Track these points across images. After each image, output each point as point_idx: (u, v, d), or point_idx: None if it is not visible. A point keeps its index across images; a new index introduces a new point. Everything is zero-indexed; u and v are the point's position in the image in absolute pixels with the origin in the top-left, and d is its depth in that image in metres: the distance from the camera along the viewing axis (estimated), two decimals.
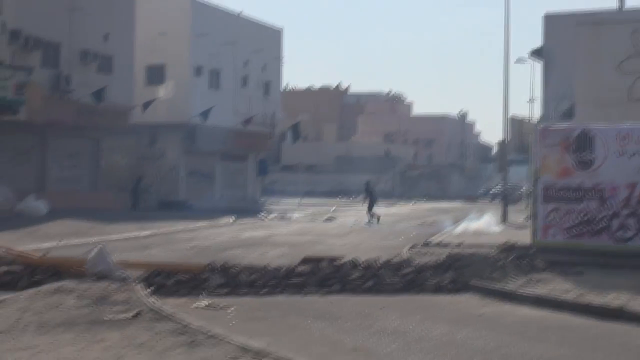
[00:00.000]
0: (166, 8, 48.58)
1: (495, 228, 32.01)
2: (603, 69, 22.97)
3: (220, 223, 34.32)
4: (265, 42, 55.84)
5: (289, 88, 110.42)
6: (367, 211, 38.70)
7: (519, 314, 12.96)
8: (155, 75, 48.85)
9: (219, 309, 12.66)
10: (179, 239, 25.50)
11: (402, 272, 15.39)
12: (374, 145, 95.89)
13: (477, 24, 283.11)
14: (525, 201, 68.72)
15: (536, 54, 39.05)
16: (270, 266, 15.52)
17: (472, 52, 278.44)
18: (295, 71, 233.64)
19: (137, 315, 11.12)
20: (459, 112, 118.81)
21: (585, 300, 13.64)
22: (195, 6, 49.21)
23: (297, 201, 58.32)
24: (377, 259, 16.71)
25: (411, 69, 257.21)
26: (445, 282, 15.14)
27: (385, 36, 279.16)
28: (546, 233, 19.12)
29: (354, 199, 69.22)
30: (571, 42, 29.69)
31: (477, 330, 11.55)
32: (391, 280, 15.00)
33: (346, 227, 33.98)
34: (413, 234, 30.10)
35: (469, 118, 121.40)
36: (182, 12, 48.36)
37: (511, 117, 42.32)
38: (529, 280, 16.01)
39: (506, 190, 44.63)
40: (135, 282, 13.86)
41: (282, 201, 60.79)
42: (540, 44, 37.39)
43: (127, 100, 43.67)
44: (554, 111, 33.27)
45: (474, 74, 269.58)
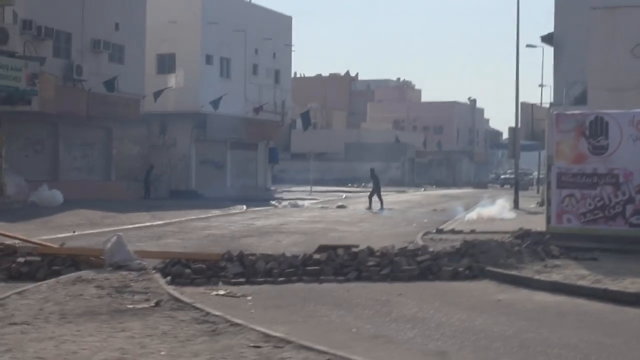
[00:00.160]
0: None
1: (507, 214, 31.99)
2: (617, 54, 22.89)
3: (232, 212, 34.42)
4: (275, 30, 55.76)
5: (298, 76, 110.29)
6: (370, 197, 39.05)
7: (536, 300, 13.00)
8: (165, 64, 48.89)
9: (238, 298, 12.74)
10: (193, 228, 25.60)
11: (418, 259, 15.41)
12: (384, 132, 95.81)
13: (486, 10, 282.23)
14: (536, 187, 68.80)
15: (547, 39, 38.89)
16: (286, 254, 15.55)
17: (481, 38, 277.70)
18: (304, 59, 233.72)
19: (158, 304, 11.20)
20: (469, 98, 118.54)
21: (601, 286, 13.67)
22: None
23: (308, 189, 58.36)
24: (393, 247, 16.74)
25: (420, 56, 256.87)
26: (461, 269, 15.17)
27: (393, 23, 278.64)
28: (561, 219, 19.10)
29: (364, 187, 69.26)
30: (583, 27, 29.57)
31: (496, 316, 11.61)
32: (407, 267, 15.04)
33: (358, 215, 34.06)
34: (425, 221, 30.17)
35: (478, 104, 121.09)
36: (192, 1, 48.31)
37: (522, 103, 42.20)
38: (545, 266, 16.04)
39: (517, 176, 44.60)
40: (153, 272, 13.94)
41: (293, 189, 60.89)
42: (550, 29, 37.25)
43: (138, 89, 43.77)
44: (566, 97, 33.15)
45: (483, 60, 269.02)
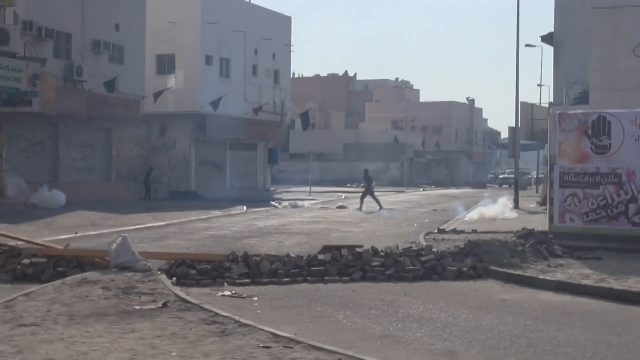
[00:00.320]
0: None
1: (508, 214, 32.02)
2: (619, 53, 22.93)
3: (233, 212, 34.43)
4: (274, 30, 55.76)
5: (297, 76, 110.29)
6: (362, 198, 38.97)
7: (542, 300, 13.04)
8: (165, 65, 48.91)
9: (244, 298, 12.77)
10: (195, 229, 25.60)
11: (423, 259, 15.44)
12: (383, 132, 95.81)
13: (483, 10, 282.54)
14: (535, 187, 68.87)
15: (547, 39, 38.96)
16: (291, 255, 15.58)
17: (479, 38, 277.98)
18: (302, 59, 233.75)
19: (166, 305, 11.22)
20: (468, 98, 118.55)
21: (606, 285, 13.73)
22: None
23: (307, 190, 58.39)
24: (397, 247, 16.77)
25: (418, 56, 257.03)
26: (465, 269, 15.22)
27: (392, 23, 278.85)
28: (563, 218, 19.15)
29: (363, 187, 69.22)
30: (583, 27, 29.63)
31: (502, 316, 11.64)
32: (412, 267, 15.08)
33: (359, 215, 34.07)
34: (426, 221, 30.21)
35: (477, 104, 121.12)
36: (192, 1, 48.31)
37: (522, 103, 42.22)
38: (549, 265, 16.12)
39: (517, 176, 44.63)
40: (158, 273, 13.96)
41: (292, 190, 60.90)
42: (550, 29, 37.31)
43: (139, 90, 43.80)
44: (566, 97, 33.21)
45: (481, 60, 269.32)
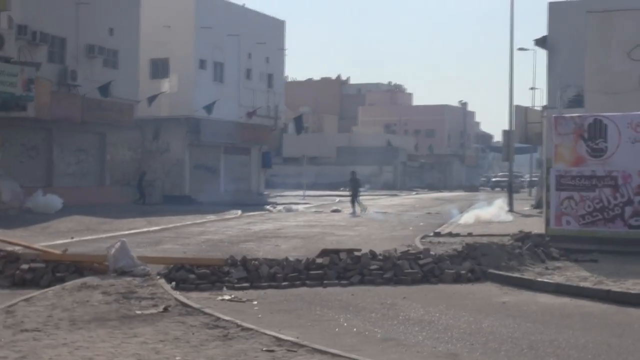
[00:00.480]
0: (170, 1, 48.50)
1: (503, 217, 32.12)
2: (613, 57, 23.03)
3: (228, 216, 34.42)
4: (268, 34, 55.74)
5: (289, 80, 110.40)
6: (352, 202, 38.95)
7: (541, 302, 13.09)
8: (159, 68, 48.84)
9: (244, 302, 12.78)
10: (190, 233, 25.59)
11: (421, 263, 15.48)
12: (376, 135, 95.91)
13: (475, 14, 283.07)
14: (527, 190, 69.02)
15: (540, 43, 39.07)
16: (289, 259, 15.60)
17: (471, 42, 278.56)
18: (294, 63, 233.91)
19: (166, 309, 11.24)
20: (460, 101, 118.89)
21: (604, 287, 13.79)
22: None
23: (301, 193, 58.41)
24: (395, 250, 16.81)
25: (411, 59, 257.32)
26: (463, 272, 15.27)
27: (384, 26, 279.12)
28: (560, 221, 19.23)
29: (350, 190, 69.21)
30: (577, 31, 29.74)
31: (502, 318, 11.68)
32: (410, 270, 15.11)
33: (353, 219, 34.11)
34: (421, 224, 30.28)
35: (469, 107, 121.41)
36: (186, 5, 48.23)
37: (516, 106, 42.33)
38: (546, 268, 16.20)
39: (511, 179, 44.74)
40: (157, 277, 13.97)
41: (286, 193, 60.92)
42: (542, 33, 37.45)
43: (133, 94, 43.73)
44: (560, 100, 33.31)
45: (474, 63, 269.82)
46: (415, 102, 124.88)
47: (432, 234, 24.56)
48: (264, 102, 56.10)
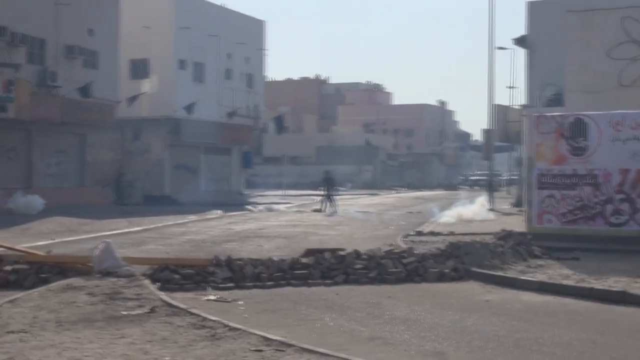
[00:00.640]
0: (149, 1, 48.41)
1: (484, 215, 32.26)
2: (593, 56, 23.22)
3: (209, 217, 34.35)
4: (248, 34, 55.74)
5: (268, 80, 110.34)
6: (328, 200, 39.00)
7: (524, 300, 13.18)
8: (139, 69, 48.73)
9: (229, 302, 12.79)
10: (172, 234, 25.53)
11: (405, 262, 15.55)
12: (355, 135, 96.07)
13: (454, 13, 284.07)
14: (506, 188, 69.33)
15: (520, 42, 39.26)
16: (274, 258, 15.62)
17: (449, 41, 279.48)
18: (273, 63, 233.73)
19: (153, 310, 11.23)
20: (439, 100, 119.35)
21: (587, 285, 13.91)
22: None
23: (281, 193, 58.39)
24: (379, 249, 16.87)
25: (389, 59, 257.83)
26: (447, 270, 15.35)
27: (363, 26, 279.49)
28: (541, 219, 19.39)
29: (337, 190, 69.26)
30: (556, 30, 29.92)
31: (486, 316, 11.76)
32: (394, 269, 15.18)
33: (335, 218, 34.13)
34: (402, 223, 30.34)
35: (448, 106, 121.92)
36: (165, 6, 48.16)
37: (496, 105, 42.56)
38: (528, 266, 16.33)
39: (491, 178, 44.96)
40: (142, 278, 13.95)
41: (266, 193, 60.85)
42: (520, 32, 37.64)
43: (113, 95, 43.59)
44: (539, 98, 33.51)
45: (452, 62, 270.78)
46: (394, 102, 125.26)
47: (414, 233, 24.64)
48: (244, 102, 56.08)
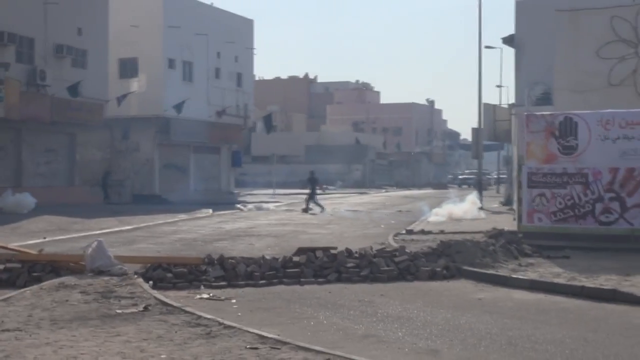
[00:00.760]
0: (138, 0, 48.35)
1: (473, 214, 32.35)
2: (582, 55, 23.34)
3: (199, 215, 34.39)
4: (237, 33, 55.72)
5: (257, 78, 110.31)
6: (311, 200, 38.96)
7: (516, 298, 13.26)
8: (128, 68, 48.69)
9: (222, 301, 12.83)
10: (163, 232, 25.55)
11: (397, 260, 15.60)
12: (344, 133, 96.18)
13: (442, 12, 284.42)
14: (495, 187, 69.55)
15: (508, 41, 39.38)
16: (266, 257, 15.66)
17: (438, 40, 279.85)
18: (262, 62, 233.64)
19: (147, 308, 11.26)
20: (427, 99, 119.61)
21: (578, 283, 14.00)
22: None
23: (271, 192, 58.43)
24: (371, 248, 16.93)
25: (378, 58, 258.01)
26: (438, 269, 15.42)
27: (351, 25, 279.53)
28: (532, 218, 19.49)
29: (326, 189, 69.47)
30: (544, 29, 30.00)
31: (479, 314, 11.83)
32: (386, 268, 15.23)
33: (325, 217, 34.18)
34: (392, 222, 30.41)
35: (437, 105, 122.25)
36: (154, 5, 48.11)
37: (484, 104, 42.70)
38: (519, 264, 16.40)
39: (480, 177, 45.10)
40: (135, 276, 13.96)
41: (255, 192, 60.89)
42: (509, 31, 37.76)
43: (102, 94, 43.55)
44: (528, 97, 33.61)
45: (441, 61, 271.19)
46: (382, 100, 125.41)
47: (405, 232, 24.71)
48: (233, 101, 56.07)
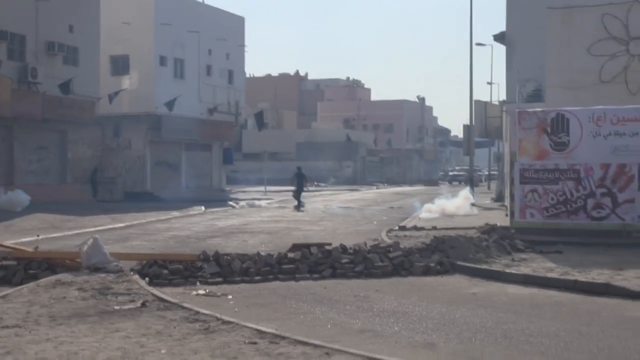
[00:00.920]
0: None
1: (466, 210, 32.48)
2: (573, 52, 23.48)
3: (191, 213, 34.43)
4: (228, 31, 55.74)
5: (248, 76, 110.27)
6: (296, 196, 39.15)
7: (510, 292, 13.38)
8: (119, 65, 48.68)
9: (219, 297, 12.89)
10: (156, 230, 25.59)
11: (391, 256, 15.72)
12: (335, 130, 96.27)
13: (432, 9, 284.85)
14: (486, 183, 69.77)
15: (499, 38, 39.53)
16: (261, 253, 15.74)
17: (429, 37, 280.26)
18: (253, 59, 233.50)
19: (144, 304, 11.34)
20: (418, 96, 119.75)
21: (571, 277, 14.12)
22: None
23: (262, 189, 58.50)
24: (365, 244, 17.04)
25: (369, 55, 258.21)
26: (432, 264, 15.53)
27: (342, 22, 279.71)
28: (524, 214, 19.60)
29: (318, 186, 69.58)
30: (535, 26, 30.15)
31: (474, 309, 11.93)
32: (381, 263, 15.33)
33: (317, 214, 34.25)
34: (385, 219, 30.50)
35: (427, 102, 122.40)
36: (146, 1, 48.07)
37: (475, 101, 42.86)
38: (512, 260, 16.51)
39: (472, 173, 45.26)
40: (131, 273, 14.04)
41: (247, 189, 60.95)
42: (500, 28, 37.86)
43: (93, 91, 43.54)
44: (519, 94, 33.75)
45: (431, 59, 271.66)
46: (373, 97, 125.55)
47: (398, 228, 24.83)
48: (225, 99, 56.13)
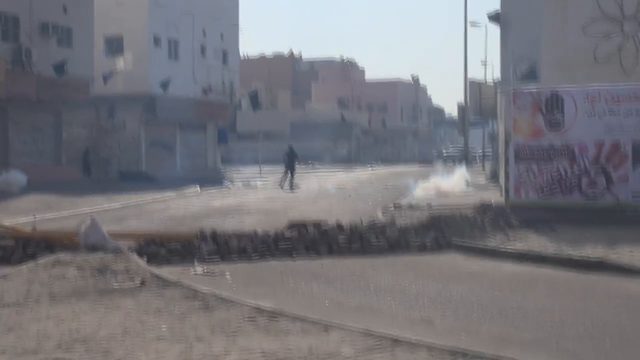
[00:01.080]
0: None
1: (460, 189, 32.56)
2: (568, 31, 23.51)
3: (187, 193, 34.45)
4: (222, 10, 55.68)
5: (242, 56, 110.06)
6: (287, 175, 39.08)
7: (505, 270, 13.51)
8: (114, 46, 48.60)
9: (216, 275, 13.00)
10: (152, 210, 25.66)
11: (387, 234, 15.83)
12: (329, 111, 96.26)
13: None
14: (480, 163, 69.86)
15: (494, 18, 39.50)
16: (258, 232, 15.84)
17: (422, 16, 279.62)
18: (247, 39, 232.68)
19: (143, 283, 11.42)
20: (412, 76, 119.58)
21: (565, 254, 14.24)
22: None
23: (257, 169, 58.53)
24: (362, 222, 17.14)
25: (363, 35, 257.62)
26: (428, 242, 15.64)
27: (336, 1, 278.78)
28: (519, 192, 19.72)
29: (312, 165, 69.62)
30: (530, 4, 30.20)
31: (469, 286, 12.06)
32: (377, 242, 15.45)
33: (313, 193, 34.33)
34: (380, 198, 30.56)
35: (421, 82, 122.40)
36: None
37: (470, 82, 42.88)
38: (507, 237, 16.60)
39: (467, 153, 45.35)
40: (129, 252, 14.11)
41: (242, 169, 60.97)
42: (494, 6, 37.89)
43: (88, 72, 43.49)
44: (513, 73, 33.76)
45: (425, 38, 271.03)
46: (367, 77, 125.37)
47: (393, 207, 24.91)
48: (219, 79, 56.11)
